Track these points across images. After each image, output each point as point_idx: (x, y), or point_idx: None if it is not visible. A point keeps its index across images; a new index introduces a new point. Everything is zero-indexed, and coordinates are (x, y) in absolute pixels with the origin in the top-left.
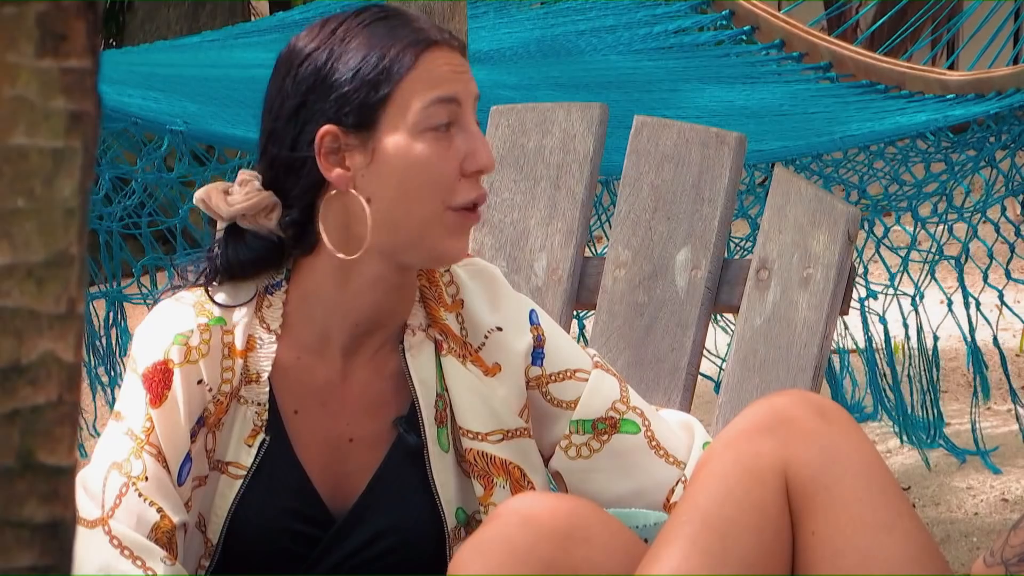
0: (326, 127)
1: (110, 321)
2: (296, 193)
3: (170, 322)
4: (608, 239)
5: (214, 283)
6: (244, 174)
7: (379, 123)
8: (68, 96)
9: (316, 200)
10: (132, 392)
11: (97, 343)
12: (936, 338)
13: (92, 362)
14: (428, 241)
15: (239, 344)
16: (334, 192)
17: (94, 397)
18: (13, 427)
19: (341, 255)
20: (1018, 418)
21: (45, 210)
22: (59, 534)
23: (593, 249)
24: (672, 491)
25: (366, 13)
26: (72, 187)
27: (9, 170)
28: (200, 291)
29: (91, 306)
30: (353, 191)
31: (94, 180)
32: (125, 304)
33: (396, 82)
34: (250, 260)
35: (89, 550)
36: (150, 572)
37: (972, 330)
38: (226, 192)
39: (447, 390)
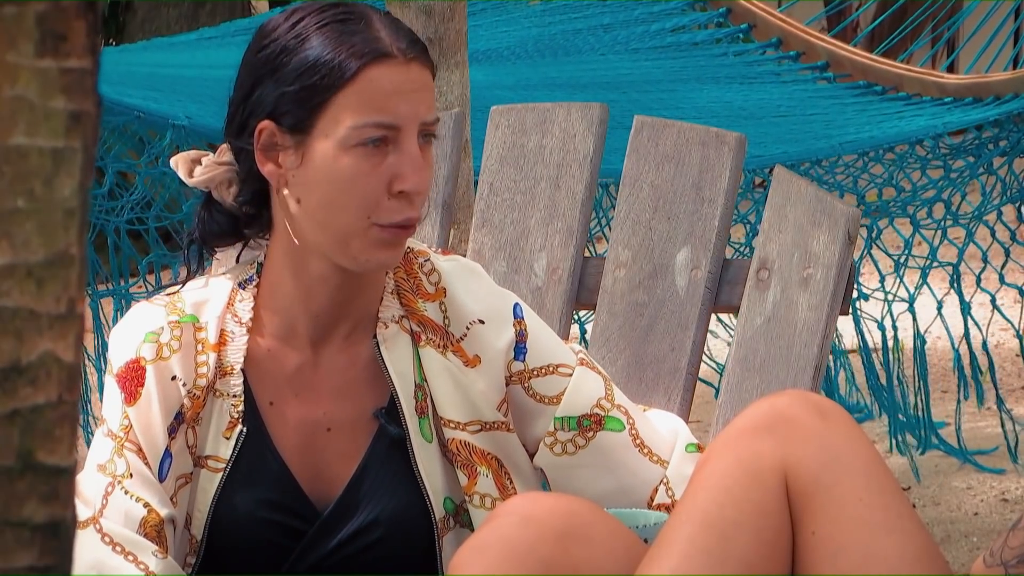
0: (265, 122)
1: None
2: (243, 176)
3: (141, 322)
4: (608, 241)
5: (194, 278)
6: (223, 147)
7: (312, 129)
8: (68, 96)
9: (264, 186)
10: (110, 394)
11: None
12: (924, 341)
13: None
14: (353, 251)
15: (212, 339)
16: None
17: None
18: (13, 427)
19: (297, 241)
20: (1002, 424)
21: (45, 210)
22: (59, 534)
23: (593, 250)
24: (656, 490)
25: (329, 12)
26: (72, 187)
27: (9, 170)
28: (174, 292)
29: (99, 304)
30: (285, 189)
31: (98, 176)
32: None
33: (333, 92)
34: (212, 232)
35: (82, 549)
36: (142, 566)
37: (967, 333)
38: (196, 162)
39: (426, 381)
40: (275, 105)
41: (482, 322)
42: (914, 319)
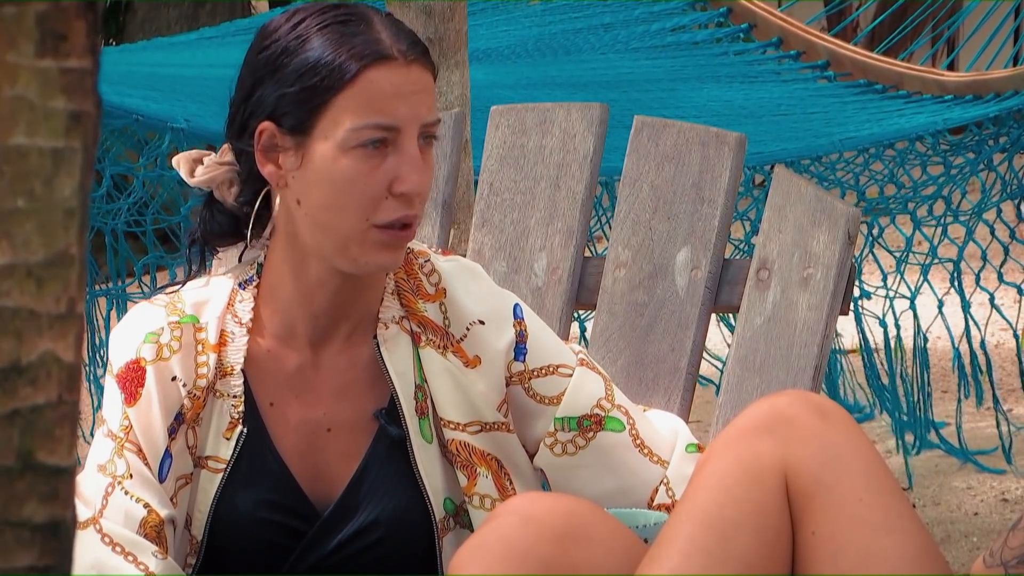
0: (265, 123)
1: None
2: (244, 177)
3: (141, 322)
4: (608, 239)
5: (195, 277)
6: (225, 147)
7: (312, 131)
8: (68, 96)
9: (265, 187)
10: (110, 395)
11: (97, 343)
12: (926, 339)
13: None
14: (352, 252)
15: (212, 339)
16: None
17: (92, 402)
18: (13, 427)
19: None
20: (998, 424)
21: (45, 210)
22: (59, 534)
23: (593, 249)
24: (656, 490)
25: (330, 13)
26: (72, 187)
27: (9, 170)
28: (174, 292)
29: (95, 304)
30: (285, 190)
31: (96, 178)
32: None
33: (333, 94)
34: (213, 232)
35: (81, 550)
36: (142, 567)
37: (968, 332)
38: (198, 162)
39: (426, 381)
40: (275, 106)
41: (482, 323)
42: (915, 317)
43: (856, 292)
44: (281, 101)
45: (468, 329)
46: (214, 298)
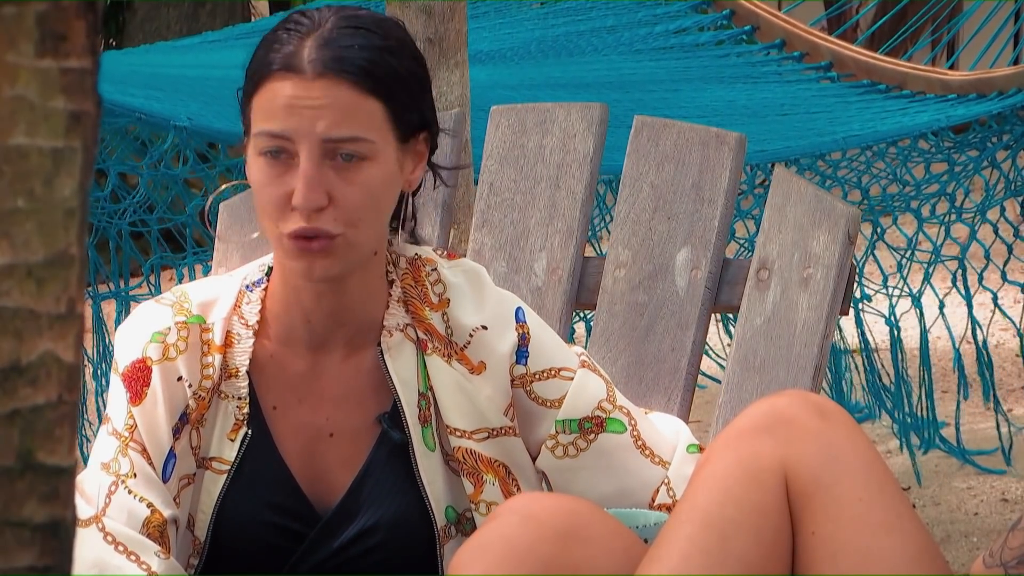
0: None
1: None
2: None
3: (148, 322)
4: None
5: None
6: None
7: (248, 132)
8: (68, 96)
9: None
10: (115, 393)
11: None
12: (927, 340)
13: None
14: (279, 255)
15: (218, 340)
16: None
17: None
18: (13, 427)
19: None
20: (997, 425)
21: (45, 210)
22: (59, 534)
23: (598, 248)
24: (657, 492)
25: (289, 20)
26: (72, 187)
27: (9, 170)
28: (180, 291)
29: (100, 306)
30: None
31: (100, 179)
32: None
33: (249, 99)
34: None
35: (83, 548)
36: (144, 566)
37: (974, 331)
38: None
39: (431, 389)
40: (241, 106)
41: (485, 328)
42: (921, 315)
43: (856, 294)
44: (242, 101)
45: (471, 336)
46: (221, 299)
